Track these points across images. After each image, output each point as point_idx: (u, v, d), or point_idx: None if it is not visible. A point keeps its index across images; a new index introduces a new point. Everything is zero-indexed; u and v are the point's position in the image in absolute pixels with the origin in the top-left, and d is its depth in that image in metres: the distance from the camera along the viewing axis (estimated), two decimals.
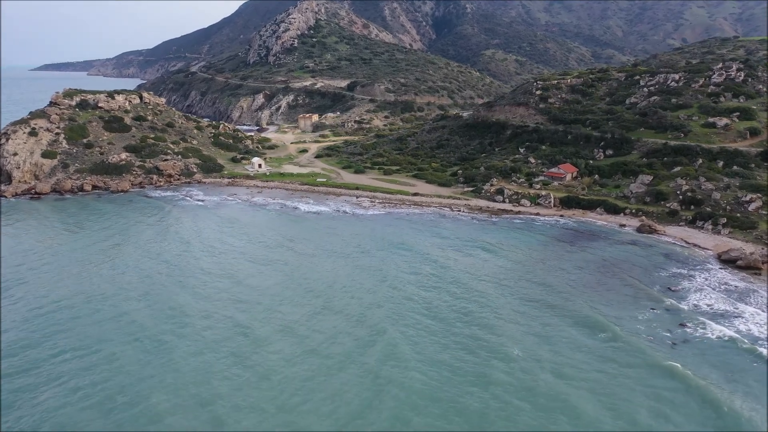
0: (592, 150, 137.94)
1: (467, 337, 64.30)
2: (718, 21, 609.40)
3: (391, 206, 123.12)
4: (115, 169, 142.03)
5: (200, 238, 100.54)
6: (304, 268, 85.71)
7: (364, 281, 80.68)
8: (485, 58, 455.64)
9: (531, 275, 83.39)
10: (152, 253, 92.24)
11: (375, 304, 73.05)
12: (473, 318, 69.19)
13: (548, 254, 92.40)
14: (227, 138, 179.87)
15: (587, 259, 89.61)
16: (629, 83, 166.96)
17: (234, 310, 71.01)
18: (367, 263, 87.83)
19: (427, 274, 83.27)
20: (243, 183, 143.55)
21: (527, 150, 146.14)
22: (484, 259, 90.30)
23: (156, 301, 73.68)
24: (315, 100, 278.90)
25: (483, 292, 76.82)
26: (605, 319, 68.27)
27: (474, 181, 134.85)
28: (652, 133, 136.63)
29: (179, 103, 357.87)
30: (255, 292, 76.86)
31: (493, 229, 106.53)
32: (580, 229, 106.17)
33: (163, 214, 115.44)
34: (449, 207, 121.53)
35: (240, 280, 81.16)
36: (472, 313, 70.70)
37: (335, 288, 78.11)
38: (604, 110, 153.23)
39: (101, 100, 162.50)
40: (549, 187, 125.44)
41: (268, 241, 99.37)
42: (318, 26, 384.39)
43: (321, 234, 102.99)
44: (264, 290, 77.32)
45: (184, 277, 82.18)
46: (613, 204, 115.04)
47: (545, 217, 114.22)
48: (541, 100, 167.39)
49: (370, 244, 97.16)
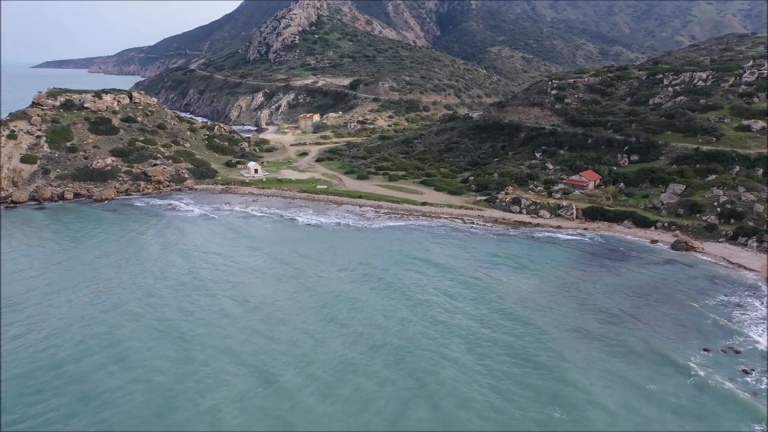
0: (615, 155, 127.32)
1: (527, 383, 54.55)
2: (727, 18, 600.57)
3: (398, 217, 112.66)
4: (99, 175, 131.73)
5: (182, 261, 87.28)
6: (304, 301, 74.82)
7: (384, 312, 69.70)
8: (491, 56, 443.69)
9: (565, 301, 73.13)
10: (124, 281, 78.73)
11: (407, 342, 62.49)
12: (522, 354, 59.83)
13: (577, 276, 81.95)
14: (222, 140, 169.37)
15: (622, 283, 79.22)
16: (651, 82, 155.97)
17: (245, 356, 59.66)
18: (380, 291, 76.44)
19: (450, 300, 72.97)
20: (237, 190, 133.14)
21: (544, 154, 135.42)
22: (508, 281, 79.87)
23: (127, 364, 59.82)
24: (316, 99, 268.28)
25: (519, 321, 67.33)
26: (680, 357, 58.94)
27: (487, 188, 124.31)
28: (680, 137, 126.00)
29: (177, 102, 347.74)
30: (254, 333, 66.17)
31: (512, 244, 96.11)
32: (609, 246, 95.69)
33: (144, 228, 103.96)
34: (461, 218, 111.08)
35: (235, 317, 69.54)
36: (516, 348, 61.19)
37: (352, 322, 67.15)
38: (626, 111, 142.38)
39: (87, 100, 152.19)
40: (570, 196, 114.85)
41: (260, 264, 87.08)
42: (320, 22, 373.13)
43: (322, 251, 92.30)
44: (262, 331, 66.37)
45: (158, 320, 67.63)
46: (642, 216, 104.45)
47: (568, 230, 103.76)
48: (557, 100, 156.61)
49: (379, 264, 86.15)
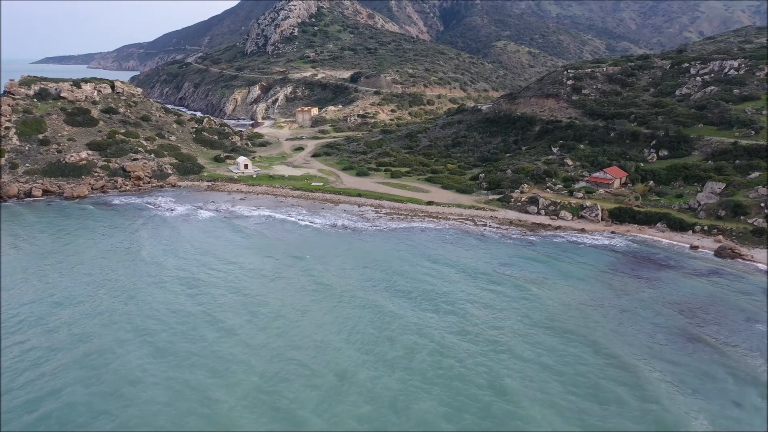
0: (641, 150, 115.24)
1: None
2: (736, 14, 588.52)
3: (401, 218, 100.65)
4: (73, 170, 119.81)
5: (150, 274, 74.47)
6: (292, 325, 62.92)
7: (386, 347, 56.72)
8: (496, 50, 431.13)
9: (602, 328, 60.73)
10: (74, 298, 66.74)
11: (417, 385, 49.95)
12: (598, 386, 49.80)
13: (611, 292, 69.78)
14: (212, 134, 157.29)
15: (664, 301, 67.10)
16: (676, 72, 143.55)
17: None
18: (383, 314, 64.16)
19: (471, 320, 61.12)
20: (224, 187, 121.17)
21: (562, 149, 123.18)
22: (531, 299, 67.64)
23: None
24: (315, 93, 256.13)
25: (572, 342, 56.55)
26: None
27: (500, 186, 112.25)
28: (713, 130, 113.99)
29: (172, 96, 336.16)
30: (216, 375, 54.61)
31: (532, 251, 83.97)
32: (642, 253, 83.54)
33: (112, 232, 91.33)
34: (472, 220, 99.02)
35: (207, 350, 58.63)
36: (586, 376, 51.14)
37: (348, 364, 54.72)
38: (650, 103, 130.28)
39: (65, 89, 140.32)
40: (594, 195, 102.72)
41: (240, 282, 73.14)
42: (320, 14, 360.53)
43: (315, 260, 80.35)
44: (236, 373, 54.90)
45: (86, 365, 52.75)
46: (677, 218, 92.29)
47: (593, 234, 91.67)
48: (574, 91, 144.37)
49: (379, 277, 74.07)
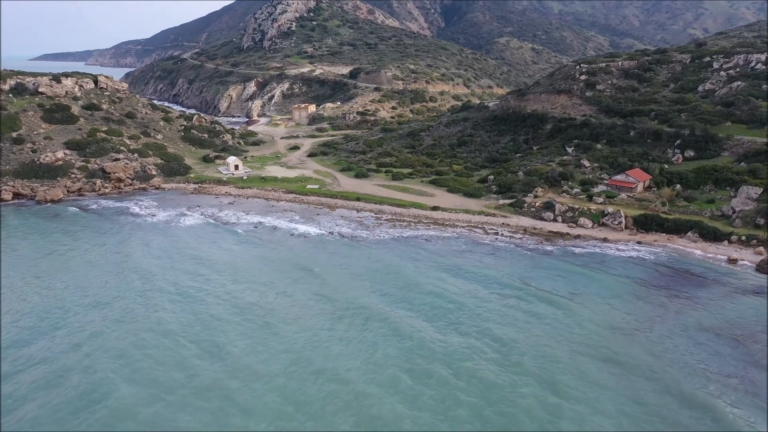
0: (664, 150, 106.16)
1: None
2: (740, 11, 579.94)
3: (403, 226, 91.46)
4: (48, 171, 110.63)
5: (119, 291, 65.07)
6: (278, 370, 54.04)
7: (413, 381, 48.19)
8: (499, 46, 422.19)
9: (663, 357, 51.90)
10: (23, 325, 58.43)
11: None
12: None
13: (654, 313, 60.88)
14: (202, 132, 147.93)
15: (706, 326, 58.10)
16: (697, 66, 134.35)
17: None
18: (401, 337, 55.47)
19: (505, 357, 51.93)
20: (212, 190, 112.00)
21: (577, 149, 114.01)
22: (568, 321, 58.97)
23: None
24: (313, 89, 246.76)
25: (614, 392, 46.73)
26: None
27: (511, 190, 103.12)
28: (743, 129, 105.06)
29: (166, 92, 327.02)
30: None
31: (551, 265, 74.84)
32: (676, 266, 74.46)
33: (77, 243, 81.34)
34: (482, 228, 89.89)
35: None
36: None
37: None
38: (671, 99, 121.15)
39: (43, 83, 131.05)
40: (616, 201, 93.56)
41: (218, 308, 62.59)
42: (318, 9, 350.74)
43: (308, 278, 71.11)
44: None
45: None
46: (710, 227, 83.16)
47: (617, 244, 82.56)
48: (587, 86, 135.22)
49: (389, 291, 65.28)
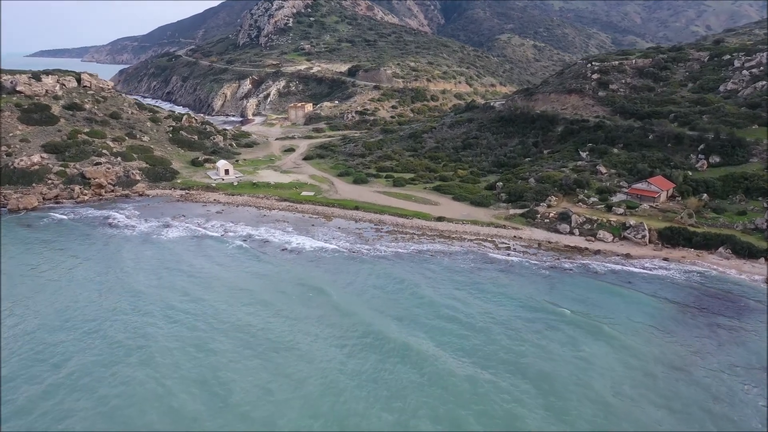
0: (687, 155, 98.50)
1: None
2: (743, 8, 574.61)
3: (406, 239, 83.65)
4: (23, 176, 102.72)
5: (80, 323, 58.59)
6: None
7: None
8: (500, 43, 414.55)
9: (729, 398, 45.15)
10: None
11: None
12: None
13: (700, 344, 53.63)
14: (191, 133, 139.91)
15: (754, 364, 50.65)
16: (717, 65, 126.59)
17: None
18: (421, 372, 48.80)
19: (548, 401, 44.84)
20: (200, 197, 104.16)
21: (592, 154, 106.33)
22: (608, 353, 52.71)
23: None
24: (310, 87, 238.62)
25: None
26: None
27: (522, 198, 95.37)
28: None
29: (160, 90, 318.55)
30: None
31: (571, 285, 67.26)
32: (709, 288, 66.91)
33: (41, 260, 73.84)
34: (492, 242, 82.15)
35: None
36: None
37: None
38: (691, 100, 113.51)
39: (21, 82, 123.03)
40: (637, 211, 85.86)
41: (206, 329, 58.40)
42: (316, 4, 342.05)
43: (302, 301, 63.48)
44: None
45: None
46: (744, 242, 75.56)
47: (642, 261, 74.96)
48: (600, 86, 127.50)
49: (399, 315, 57.96)
